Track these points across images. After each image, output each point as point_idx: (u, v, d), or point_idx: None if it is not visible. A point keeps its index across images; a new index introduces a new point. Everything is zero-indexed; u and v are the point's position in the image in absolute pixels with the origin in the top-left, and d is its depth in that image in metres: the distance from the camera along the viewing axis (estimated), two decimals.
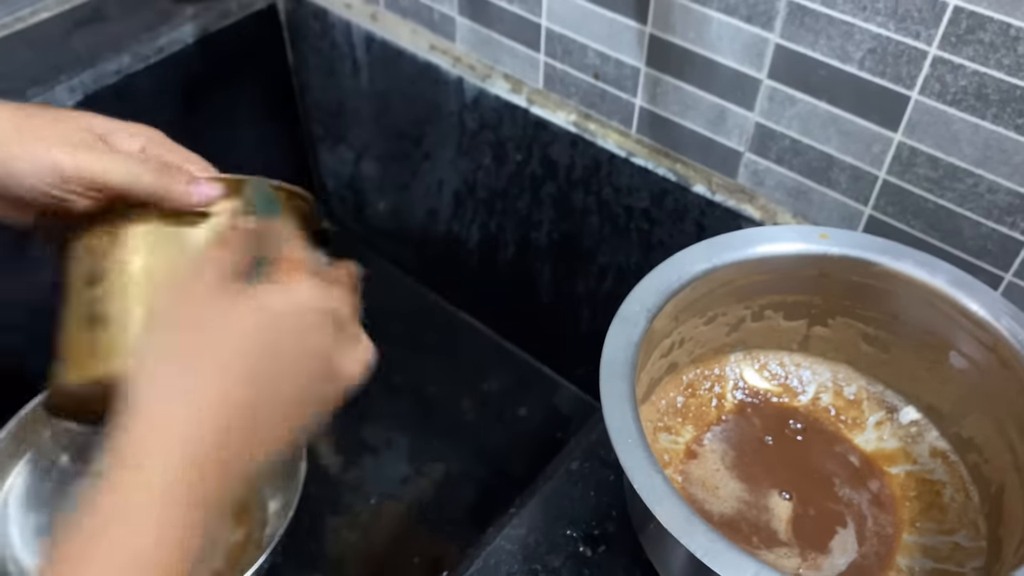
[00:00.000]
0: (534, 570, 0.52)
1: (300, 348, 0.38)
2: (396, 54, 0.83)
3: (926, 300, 0.51)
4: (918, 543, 0.50)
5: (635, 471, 0.42)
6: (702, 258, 0.51)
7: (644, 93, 0.69)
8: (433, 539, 0.83)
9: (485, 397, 0.93)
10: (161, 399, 0.34)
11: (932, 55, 0.53)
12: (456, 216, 0.91)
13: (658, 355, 0.54)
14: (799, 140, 0.62)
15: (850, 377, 0.57)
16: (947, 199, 0.58)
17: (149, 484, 0.33)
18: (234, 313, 0.36)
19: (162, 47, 0.84)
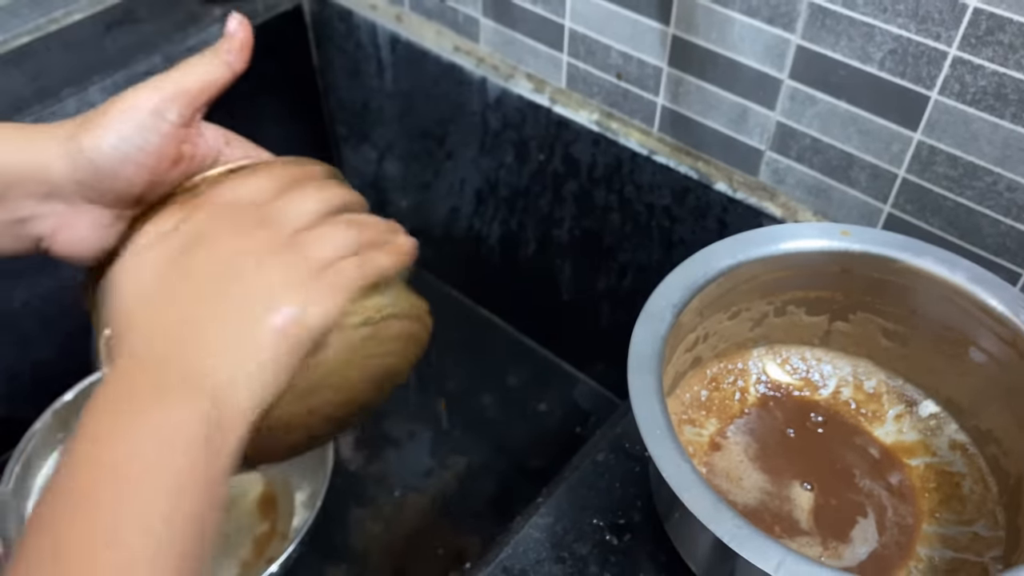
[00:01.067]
0: (562, 557, 0.53)
1: (228, 250, 0.39)
2: (420, 55, 0.85)
3: (946, 296, 0.52)
4: (938, 533, 0.52)
5: (663, 460, 0.44)
6: (727, 254, 0.53)
7: (666, 92, 0.70)
8: (456, 531, 0.84)
9: (506, 392, 0.95)
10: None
11: (952, 56, 0.54)
12: (478, 214, 0.93)
13: (683, 349, 0.55)
14: (819, 139, 0.63)
15: (870, 371, 0.59)
16: (966, 197, 0.59)
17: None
18: (151, 250, 0.39)
19: (191, 47, 0.86)
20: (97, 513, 0.31)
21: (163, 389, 0.34)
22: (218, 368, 0.35)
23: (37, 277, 0.80)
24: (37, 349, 0.83)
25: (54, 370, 0.81)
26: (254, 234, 0.39)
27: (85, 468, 0.32)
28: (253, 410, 0.36)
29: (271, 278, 0.38)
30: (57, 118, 0.79)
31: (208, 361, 0.35)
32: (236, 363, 0.36)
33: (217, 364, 0.35)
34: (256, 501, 0.83)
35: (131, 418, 0.33)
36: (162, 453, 0.32)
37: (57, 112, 0.78)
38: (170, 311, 0.37)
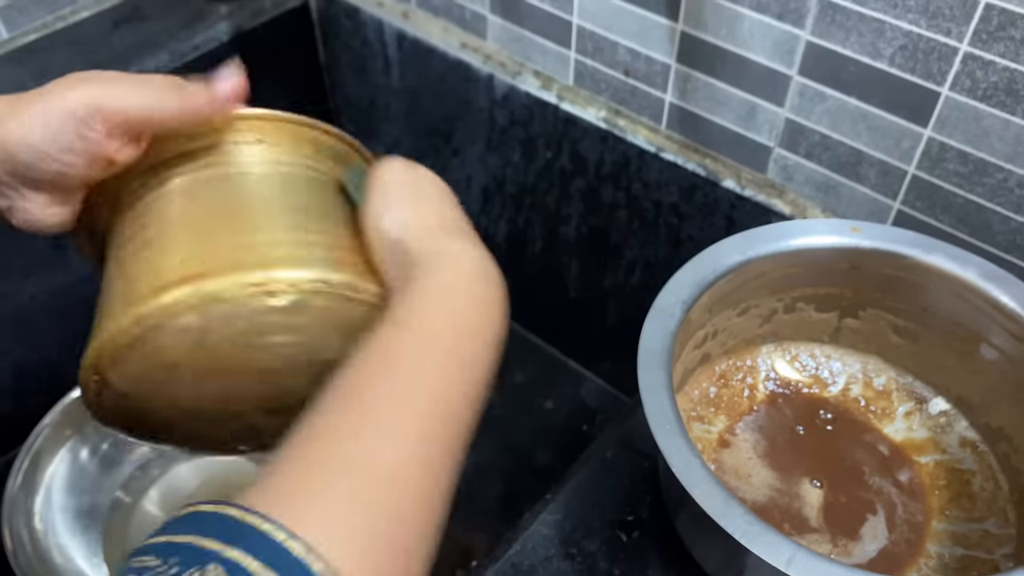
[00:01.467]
0: (571, 554, 0.53)
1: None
2: (427, 51, 0.84)
3: (957, 293, 0.52)
4: (948, 530, 0.51)
5: (673, 456, 0.43)
6: (736, 250, 0.52)
7: (674, 89, 0.70)
8: (462, 529, 0.84)
9: (512, 390, 0.94)
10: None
11: (963, 51, 0.54)
12: (484, 211, 0.93)
13: (692, 346, 0.55)
14: (829, 135, 0.63)
15: (880, 368, 0.58)
16: (977, 194, 0.59)
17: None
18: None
19: (198, 45, 0.86)
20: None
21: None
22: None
23: (46, 271, 0.81)
24: (46, 344, 0.83)
25: (63, 365, 0.81)
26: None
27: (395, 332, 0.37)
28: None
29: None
30: None
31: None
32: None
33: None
34: None
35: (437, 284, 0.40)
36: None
37: None
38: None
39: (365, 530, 0.29)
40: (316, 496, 0.29)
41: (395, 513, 0.31)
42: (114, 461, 0.81)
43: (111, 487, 0.80)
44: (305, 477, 0.30)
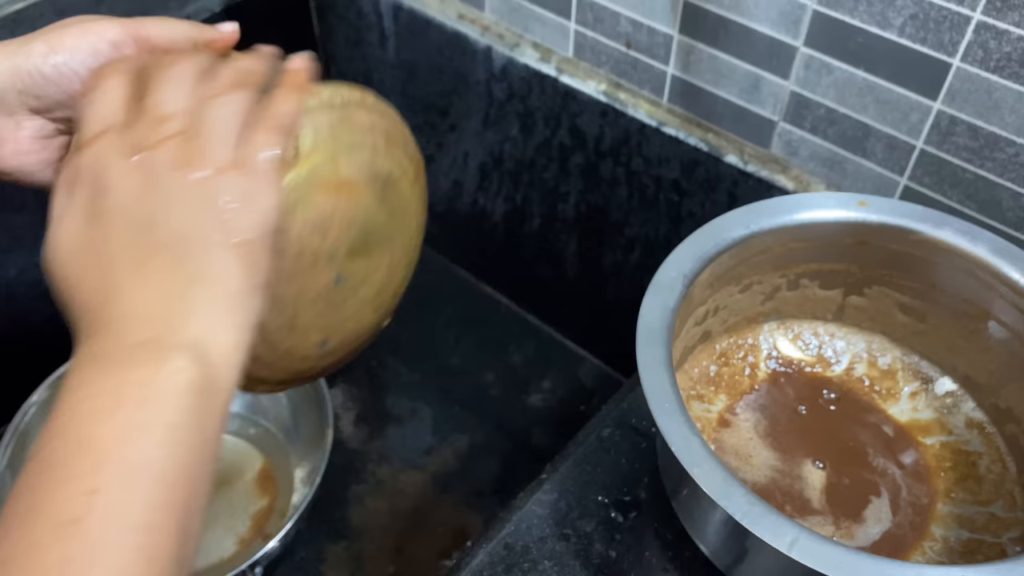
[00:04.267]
0: (565, 534, 0.52)
1: (118, 202, 0.35)
2: (424, 23, 0.83)
3: (966, 269, 0.50)
4: (953, 513, 0.50)
5: (672, 434, 0.42)
6: (739, 224, 0.51)
7: (677, 61, 0.68)
8: (456, 509, 0.83)
9: (509, 370, 0.93)
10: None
11: (976, 20, 0.52)
12: (481, 188, 0.91)
13: (692, 323, 0.53)
14: (835, 109, 0.62)
15: (885, 347, 0.57)
16: (986, 169, 0.57)
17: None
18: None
19: (189, 14, 0.84)
20: (77, 479, 0.29)
21: (131, 358, 0.32)
22: (187, 318, 0.33)
23: (35, 244, 0.79)
24: (34, 319, 0.82)
25: (51, 341, 0.80)
26: (144, 164, 0.35)
27: (61, 437, 0.30)
28: (239, 345, 0.34)
29: (187, 205, 0.34)
30: None
31: (175, 318, 0.33)
32: (204, 306, 0.33)
33: (182, 313, 0.33)
34: (255, 478, 0.82)
35: (106, 384, 0.31)
36: (148, 411, 0.31)
37: None
38: (106, 279, 0.34)
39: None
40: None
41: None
42: None
43: None
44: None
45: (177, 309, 0.33)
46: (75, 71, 0.39)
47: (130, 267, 0.34)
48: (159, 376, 0.31)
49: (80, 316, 0.34)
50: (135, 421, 0.30)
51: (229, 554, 0.76)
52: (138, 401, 0.31)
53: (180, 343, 0.32)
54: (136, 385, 0.31)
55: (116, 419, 0.30)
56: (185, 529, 0.30)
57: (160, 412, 0.31)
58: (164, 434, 0.31)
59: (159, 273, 0.33)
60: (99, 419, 0.30)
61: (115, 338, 0.32)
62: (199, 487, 0.31)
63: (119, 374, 0.31)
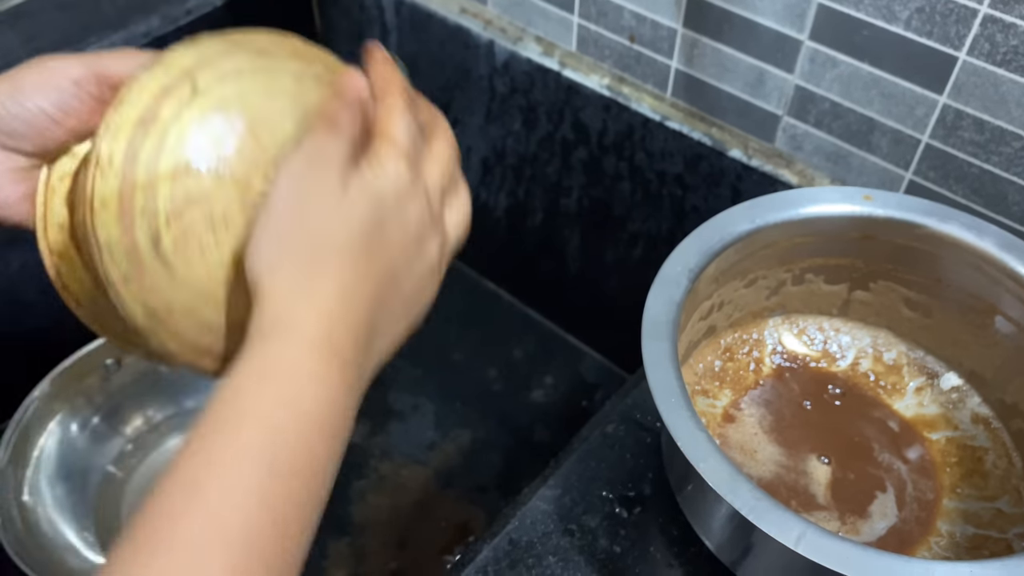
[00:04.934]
0: (570, 530, 0.52)
1: (405, 229, 0.37)
2: (426, 17, 0.82)
3: (972, 263, 0.50)
4: (959, 508, 0.50)
5: (678, 429, 0.42)
6: (744, 219, 0.51)
7: (680, 55, 0.68)
8: (459, 505, 0.83)
9: (511, 365, 0.93)
10: (289, 304, 0.34)
11: (983, 13, 0.52)
12: (484, 183, 0.91)
13: (697, 317, 0.53)
14: (840, 103, 0.61)
15: (890, 342, 0.57)
16: (992, 163, 0.57)
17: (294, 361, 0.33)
18: (349, 206, 0.35)
19: (191, 9, 0.83)
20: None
21: (332, 365, 0.34)
22: (379, 352, 0.37)
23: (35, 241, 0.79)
24: (35, 315, 0.82)
25: (53, 336, 0.80)
26: (420, 200, 0.38)
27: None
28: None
29: (430, 266, 0.39)
30: None
31: (377, 345, 0.36)
32: (386, 350, 0.37)
33: (380, 348, 0.37)
34: None
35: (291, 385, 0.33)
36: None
37: None
38: (366, 283, 0.36)
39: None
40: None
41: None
42: (105, 435, 0.79)
43: (102, 461, 0.79)
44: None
45: (379, 347, 0.37)
46: (42, 108, 0.40)
47: (384, 289, 0.37)
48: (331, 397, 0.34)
49: (276, 307, 0.34)
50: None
51: None
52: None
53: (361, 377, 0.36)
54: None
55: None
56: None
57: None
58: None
59: (392, 308, 0.37)
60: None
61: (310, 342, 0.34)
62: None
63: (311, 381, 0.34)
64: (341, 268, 0.35)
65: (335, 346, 0.34)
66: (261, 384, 0.33)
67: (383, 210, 0.36)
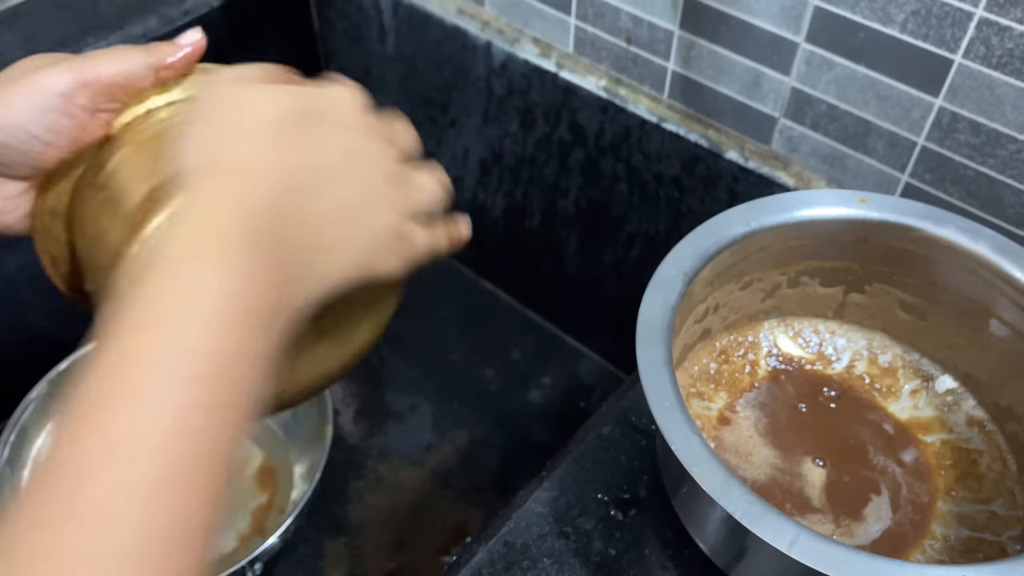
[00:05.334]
0: (565, 532, 0.52)
1: (345, 136, 0.36)
2: (424, 18, 0.82)
3: (967, 267, 0.50)
4: (954, 511, 0.50)
5: (672, 433, 0.42)
6: (740, 222, 0.51)
7: (677, 57, 0.68)
8: (456, 505, 0.83)
9: (509, 366, 0.93)
10: (206, 176, 0.32)
11: (978, 17, 0.52)
12: (481, 184, 0.91)
13: (692, 320, 0.53)
14: (836, 105, 0.61)
15: (885, 345, 0.57)
16: (988, 166, 0.57)
17: (203, 236, 0.30)
18: (268, 95, 0.35)
19: (188, 10, 0.84)
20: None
21: (251, 248, 0.31)
22: (311, 265, 0.33)
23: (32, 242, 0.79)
24: (32, 316, 0.82)
25: (50, 338, 0.80)
26: (377, 140, 0.37)
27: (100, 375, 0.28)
28: (302, 311, 0.34)
29: (383, 210, 0.36)
30: None
31: (307, 256, 0.33)
32: (322, 272, 0.34)
33: (314, 262, 0.33)
34: (255, 474, 0.82)
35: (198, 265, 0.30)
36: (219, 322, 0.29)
37: None
38: (295, 175, 0.34)
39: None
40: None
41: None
42: None
43: None
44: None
45: (311, 261, 0.34)
46: (32, 135, 0.38)
47: (321, 186, 0.34)
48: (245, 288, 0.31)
49: (216, 167, 0.33)
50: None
51: (229, 550, 0.76)
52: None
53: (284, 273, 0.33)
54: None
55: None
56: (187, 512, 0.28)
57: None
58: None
59: (329, 218, 0.35)
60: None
61: (244, 224, 0.32)
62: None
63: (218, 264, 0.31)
64: (243, 148, 0.33)
65: (236, 230, 0.31)
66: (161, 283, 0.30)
67: (317, 107, 0.35)
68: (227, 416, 0.29)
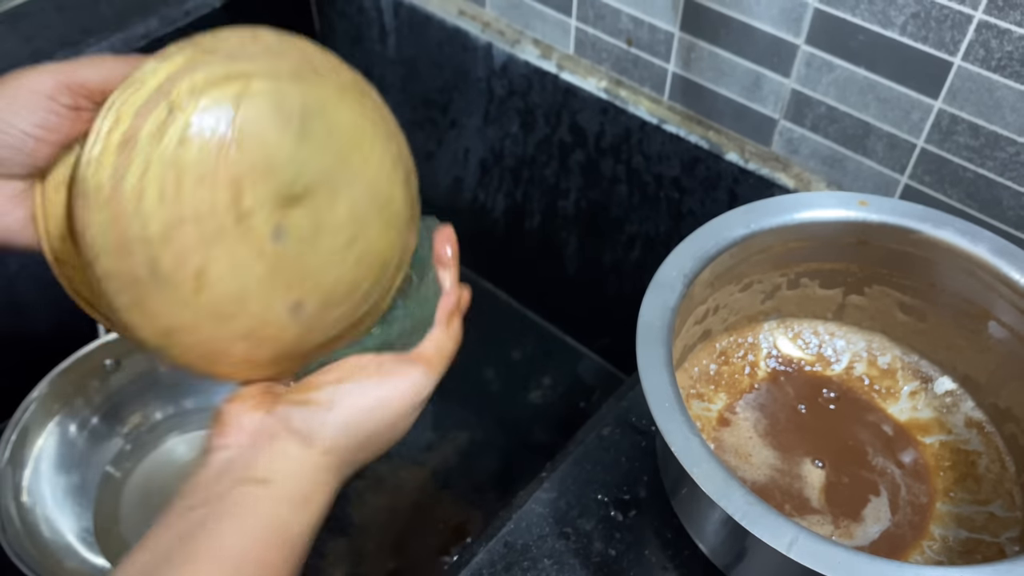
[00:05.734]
0: (565, 533, 0.52)
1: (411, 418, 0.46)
2: (424, 19, 0.82)
3: (966, 269, 0.50)
4: (952, 513, 0.50)
5: (672, 434, 0.42)
6: (740, 224, 0.51)
7: (678, 59, 0.68)
8: (457, 505, 0.83)
9: (509, 367, 0.93)
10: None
11: (977, 19, 0.52)
12: (482, 185, 0.91)
13: (692, 322, 0.53)
14: (836, 107, 0.62)
15: (885, 347, 0.57)
16: (987, 168, 0.57)
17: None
18: (399, 426, 0.45)
19: (189, 10, 0.84)
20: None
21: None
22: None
23: None
24: (34, 316, 0.82)
25: (51, 338, 0.80)
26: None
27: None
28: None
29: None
30: None
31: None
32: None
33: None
34: None
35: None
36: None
37: None
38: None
39: None
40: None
41: None
42: (103, 435, 0.80)
43: (100, 461, 0.79)
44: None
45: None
46: (23, 131, 0.39)
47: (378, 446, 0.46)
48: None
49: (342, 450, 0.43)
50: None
51: None
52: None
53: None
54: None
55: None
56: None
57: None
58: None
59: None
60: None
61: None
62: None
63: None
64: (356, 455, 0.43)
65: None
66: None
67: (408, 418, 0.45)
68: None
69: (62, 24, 0.80)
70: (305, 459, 0.40)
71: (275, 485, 0.39)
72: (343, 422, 0.41)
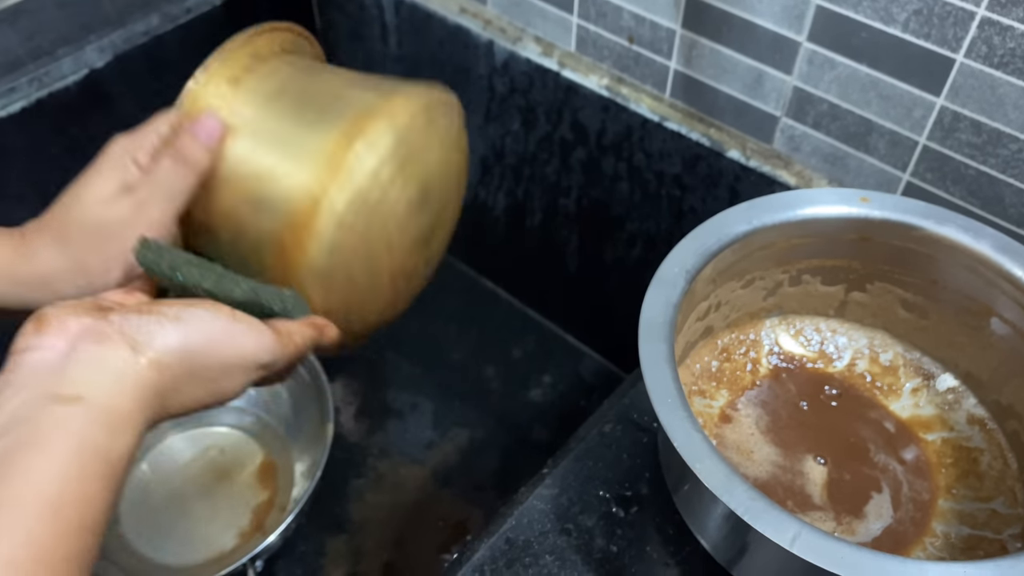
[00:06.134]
0: (567, 529, 0.52)
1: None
2: (426, 17, 0.82)
3: (969, 265, 0.50)
4: (954, 509, 0.50)
5: (675, 430, 0.42)
6: (742, 220, 0.51)
7: (679, 56, 0.68)
8: (457, 503, 0.83)
9: (510, 365, 0.93)
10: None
11: (980, 16, 0.52)
12: (483, 183, 0.91)
13: (694, 318, 0.53)
14: (838, 104, 0.61)
15: (887, 343, 0.57)
16: (989, 165, 0.57)
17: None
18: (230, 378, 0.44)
19: (190, 8, 0.84)
20: None
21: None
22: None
23: None
24: None
25: None
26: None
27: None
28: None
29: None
30: (52, 78, 0.77)
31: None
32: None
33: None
34: (255, 471, 0.82)
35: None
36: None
37: (52, 72, 0.76)
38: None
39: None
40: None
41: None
42: None
43: None
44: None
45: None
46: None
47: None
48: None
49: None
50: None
51: (229, 548, 0.77)
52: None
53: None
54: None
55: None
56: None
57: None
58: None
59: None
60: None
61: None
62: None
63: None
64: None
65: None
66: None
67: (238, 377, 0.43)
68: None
69: (63, 21, 0.80)
70: (127, 370, 0.36)
71: (89, 402, 0.35)
72: (182, 338, 0.39)
